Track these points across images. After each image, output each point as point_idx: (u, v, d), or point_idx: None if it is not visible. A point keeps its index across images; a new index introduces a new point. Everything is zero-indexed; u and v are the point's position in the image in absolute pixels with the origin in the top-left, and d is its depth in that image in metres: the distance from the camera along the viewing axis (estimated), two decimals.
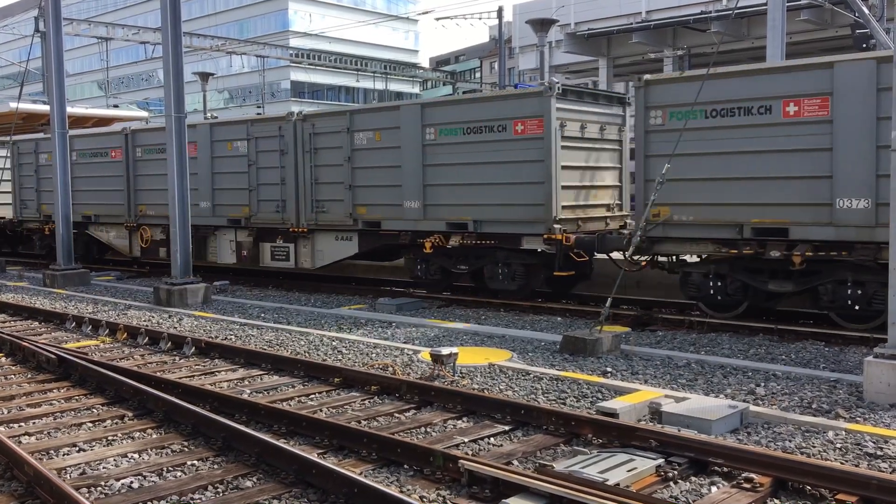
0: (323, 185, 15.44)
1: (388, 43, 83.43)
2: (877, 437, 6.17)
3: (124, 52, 70.55)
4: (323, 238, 15.68)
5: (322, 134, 15.45)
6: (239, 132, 16.82)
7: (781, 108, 10.37)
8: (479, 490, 5.21)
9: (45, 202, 21.30)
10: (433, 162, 13.75)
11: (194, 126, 17.09)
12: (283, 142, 15.90)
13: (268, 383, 8.44)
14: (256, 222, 16.53)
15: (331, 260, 15.66)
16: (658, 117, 11.30)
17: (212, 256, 17.63)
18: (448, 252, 13.97)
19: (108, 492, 5.39)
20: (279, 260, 16.36)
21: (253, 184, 16.47)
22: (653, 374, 8.37)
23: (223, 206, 17.13)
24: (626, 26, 29.73)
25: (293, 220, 15.79)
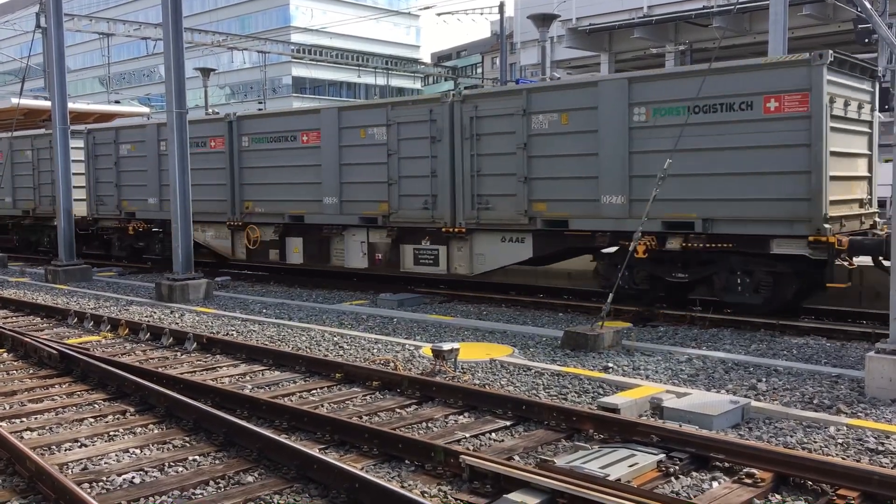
0: (487, 178, 13.05)
1: (389, 38, 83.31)
2: (878, 433, 6.17)
3: (125, 47, 70.52)
4: (485, 239, 13.27)
5: (488, 117, 12.99)
6: (375, 117, 14.46)
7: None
8: (480, 485, 5.21)
9: (126, 198, 19.25)
10: (644, 148, 11.36)
11: (317, 111, 15.50)
12: (434, 127, 13.57)
13: (269, 379, 8.45)
14: (397, 221, 14.19)
15: (495, 265, 13.32)
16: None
17: (337, 259, 15.41)
18: (662, 257, 11.51)
19: (110, 487, 5.40)
20: (425, 264, 14.06)
21: (393, 176, 14.11)
22: (654, 370, 8.36)
23: (353, 202, 14.79)
24: (628, 21, 29.66)
25: (446, 218, 13.48)
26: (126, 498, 5.15)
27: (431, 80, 71.64)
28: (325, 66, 65.89)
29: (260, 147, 16.47)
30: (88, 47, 73.78)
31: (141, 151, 18.82)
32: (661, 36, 29.75)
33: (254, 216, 16.61)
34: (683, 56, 29.54)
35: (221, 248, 17.60)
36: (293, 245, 16.10)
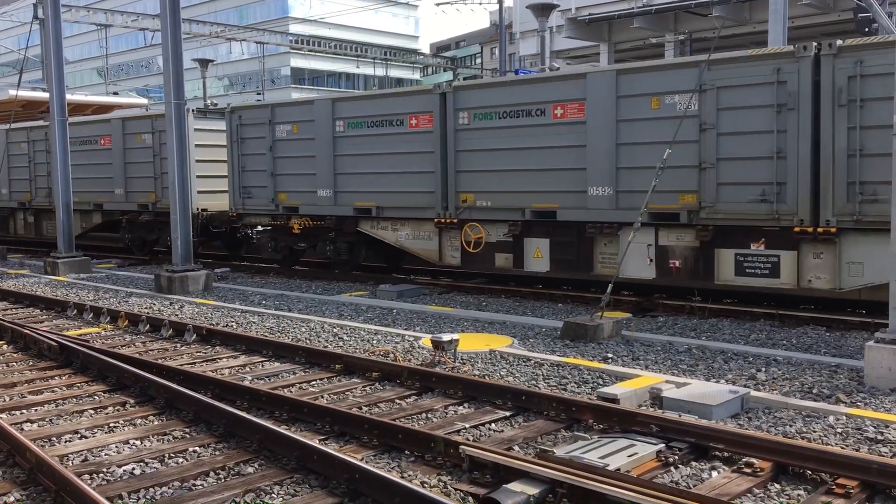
0: (873, 159, 9.62)
1: (388, 29, 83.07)
2: (877, 422, 6.18)
3: (123, 38, 70.28)
4: (866, 243, 9.88)
5: (877, 76, 9.56)
6: (678, 81, 11.04)
7: None
8: (479, 475, 5.22)
9: (284, 189, 15.99)
10: None
11: (583, 76, 12.07)
12: (782, 92, 10.27)
13: (269, 370, 8.45)
14: (712, 217, 10.86)
15: (878, 279, 9.72)
16: None
17: (603, 267, 12.10)
18: None
19: (110, 478, 5.41)
20: (755, 274, 10.72)
21: (708, 159, 10.82)
22: (654, 360, 8.37)
23: (634, 193, 11.23)
24: (628, 11, 29.53)
25: (803, 214, 10.20)
26: (126, 489, 5.16)
27: (430, 71, 71.47)
28: (324, 57, 65.73)
29: (488, 125, 12.96)
30: (86, 38, 73.52)
31: (306, 133, 15.48)
32: (660, 25, 29.64)
33: (474, 211, 13.24)
34: (683, 45, 29.45)
35: (422, 250, 14.23)
36: (534, 248, 12.75)
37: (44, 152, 20.92)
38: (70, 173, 18.03)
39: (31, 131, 21.85)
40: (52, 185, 18.92)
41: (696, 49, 28.59)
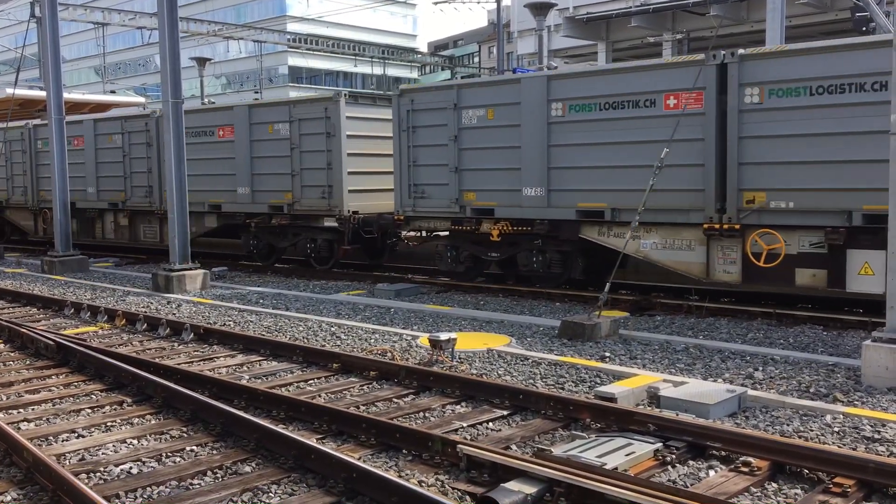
0: None
1: (386, 27, 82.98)
2: (874, 421, 6.19)
3: (121, 37, 70.20)
4: None
5: None
6: None
7: None
8: (477, 474, 5.22)
9: (473, 188, 13.33)
10: None
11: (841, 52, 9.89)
12: None
13: (266, 369, 8.44)
14: None
15: None
16: None
17: None
18: None
19: (108, 477, 5.40)
20: None
21: None
22: (651, 359, 8.38)
23: None
24: (625, 10, 29.53)
25: None
26: (124, 488, 5.15)
27: (428, 70, 71.43)
28: (322, 56, 65.63)
29: (797, 103, 10.22)
30: (83, 37, 73.45)
31: (507, 118, 12.86)
32: (658, 25, 29.65)
33: (766, 215, 10.54)
34: (681, 45, 29.47)
35: (678, 263, 11.40)
36: (862, 261, 9.90)
37: (143, 145, 19.27)
38: (67, 172, 18.00)
39: (125, 122, 19.85)
40: (159, 183, 18.66)
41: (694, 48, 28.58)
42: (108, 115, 21.90)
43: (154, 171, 18.90)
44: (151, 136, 18.90)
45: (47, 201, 19.64)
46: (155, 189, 18.86)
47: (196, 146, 17.32)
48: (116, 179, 20.06)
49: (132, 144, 19.48)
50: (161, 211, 18.15)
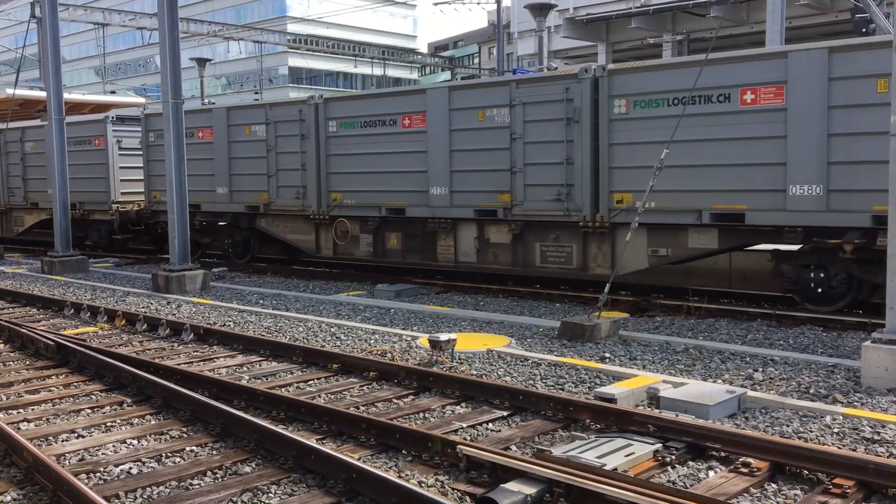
0: None
1: (386, 28, 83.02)
2: (874, 422, 6.19)
3: (121, 37, 70.20)
4: None
5: None
6: None
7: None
8: (477, 475, 5.23)
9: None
10: None
11: None
12: None
13: (266, 369, 8.45)
14: None
15: None
16: None
17: None
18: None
19: (108, 478, 5.40)
20: None
21: None
22: (651, 360, 8.38)
23: None
24: (626, 11, 29.56)
25: None
26: (123, 488, 5.16)
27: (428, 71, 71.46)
28: (322, 57, 65.68)
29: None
30: (84, 37, 73.47)
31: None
32: (658, 26, 29.67)
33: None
34: (681, 46, 29.49)
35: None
36: None
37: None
38: (67, 172, 17.99)
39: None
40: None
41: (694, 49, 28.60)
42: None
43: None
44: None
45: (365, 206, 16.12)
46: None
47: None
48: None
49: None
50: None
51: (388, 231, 14.66)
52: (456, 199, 13.48)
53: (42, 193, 21.44)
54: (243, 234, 17.59)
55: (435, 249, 14.02)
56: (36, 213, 22.28)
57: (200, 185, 17.34)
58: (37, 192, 22.06)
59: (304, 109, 15.55)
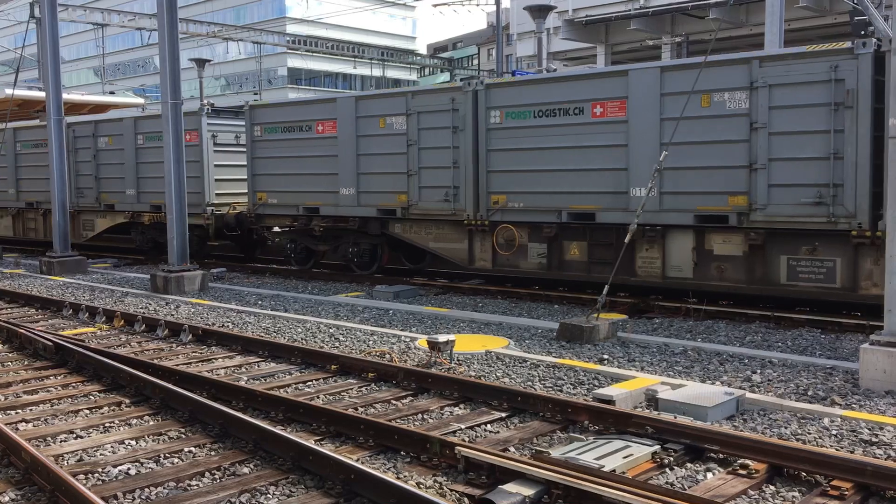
0: None
1: (385, 29, 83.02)
2: (872, 424, 6.20)
3: (120, 38, 70.22)
4: None
5: None
6: None
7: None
8: (475, 476, 5.23)
9: None
10: None
11: None
12: None
13: (265, 370, 8.44)
14: None
15: None
16: None
17: None
18: None
19: (106, 478, 5.40)
20: None
21: None
22: (649, 362, 8.38)
23: None
24: (625, 13, 29.58)
25: None
26: (122, 489, 5.15)
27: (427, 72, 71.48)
28: (321, 58, 65.70)
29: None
30: (83, 38, 73.46)
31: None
32: (657, 28, 29.69)
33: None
34: (680, 47, 29.51)
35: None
36: None
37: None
38: (66, 172, 17.98)
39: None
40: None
41: (693, 51, 28.64)
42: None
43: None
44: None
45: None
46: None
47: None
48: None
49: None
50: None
51: (568, 240, 12.57)
52: (667, 203, 11.34)
53: (119, 195, 19.64)
54: (371, 241, 15.30)
55: (633, 262, 11.75)
56: (111, 216, 20.26)
57: (319, 185, 15.38)
58: (112, 192, 19.92)
59: (457, 98, 13.42)
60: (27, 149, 22.27)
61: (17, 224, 23.12)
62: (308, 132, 15.69)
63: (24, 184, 22.52)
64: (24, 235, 23.01)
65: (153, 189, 18.53)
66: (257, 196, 16.45)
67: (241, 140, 17.86)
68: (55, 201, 17.77)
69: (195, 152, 17.92)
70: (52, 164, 17.78)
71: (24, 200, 22.61)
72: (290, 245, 16.68)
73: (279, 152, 16.12)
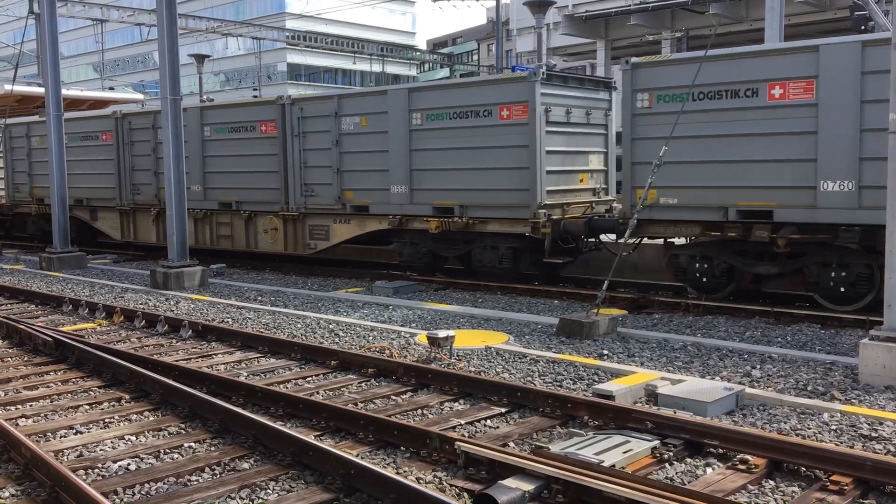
0: None
1: (385, 25, 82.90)
2: (871, 419, 6.20)
3: (119, 34, 70.07)
4: None
5: None
6: None
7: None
8: (475, 471, 5.23)
9: None
10: None
11: None
12: None
13: (265, 366, 8.45)
14: None
15: None
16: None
17: None
18: None
19: (106, 474, 5.40)
20: None
21: None
22: (649, 357, 8.38)
23: None
24: (625, 8, 29.53)
25: None
26: (122, 484, 5.16)
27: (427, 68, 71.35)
28: (320, 53, 65.55)
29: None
30: (82, 34, 73.32)
31: None
32: (657, 23, 29.67)
33: None
34: (680, 43, 29.48)
35: None
36: None
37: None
38: (65, 168, 17.96)
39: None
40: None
41: (692, 46, 28.59)
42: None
43: None
44: None
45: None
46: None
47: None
48: None
49: None
50: None
51: None
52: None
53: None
54: None
55: None
56: None
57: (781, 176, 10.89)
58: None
59: None
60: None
61: None
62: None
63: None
64: None
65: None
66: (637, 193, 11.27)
67: (578, 118, 13.66)
68: (55, 197, 17.75)
69: (523, 134, 12.84)
70: (51, 160, 17.76)
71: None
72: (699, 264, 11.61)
73: (693, 131, 10.97)
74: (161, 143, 15.76)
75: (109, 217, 20.37)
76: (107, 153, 19.97)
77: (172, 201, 14.43)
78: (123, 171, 19.57)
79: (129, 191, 19.43)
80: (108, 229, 20.54)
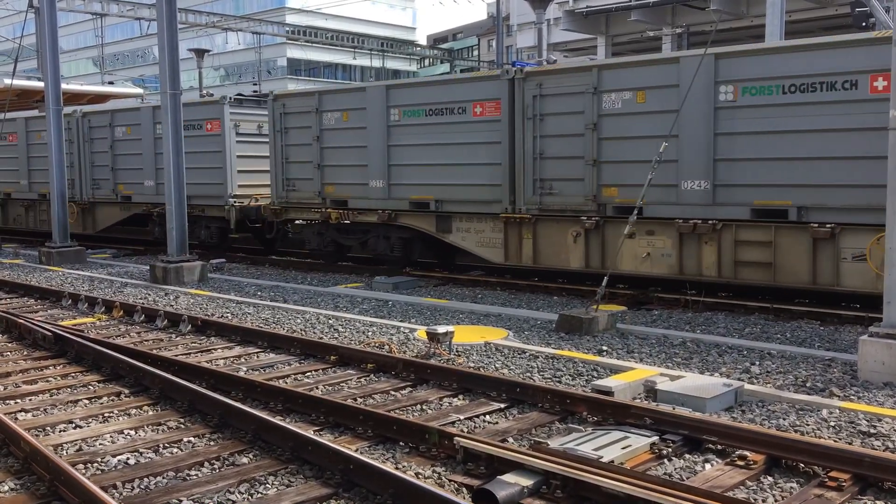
0: None
1: (385, 20, 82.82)
2: (870, 416, 6.21)
3: (119, 28, 70.03)
4: None
5: None
6: None
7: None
8: (474, 467, 5.23)
9: None
10: None
11: None
12: None
13: (264, 361, 8.45)
14: None
15: None
16: None
17: None
18: None
19: (105, 468, 5.41)
20: None
21: None
22: (648, 353, 8.39)
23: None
24: (625, 4, 29.49)
25: None
26: (121, 479, 5.16)
27: (428, 63, 71.32)
28: (320, 48, 65.54)
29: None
30: (82, 28, 73.27)
31: None
32: (658, 19, 29.62)
33: None
34: (680, 39, 29.44)
35: None
36: None
37: None
38: (64, 162, 17.93)
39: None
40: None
41: (693, 43, 28.55)
42: None
43: None
44: None
45: None
46: None
47: None
48: None
49: None
50: None
51: None
52: None
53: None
54: None
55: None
56: None
57: None
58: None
59: None
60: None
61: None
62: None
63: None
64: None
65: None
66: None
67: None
68: (54, 192, 17.73)
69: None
70: (51, 155, 17.73)
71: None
72: None
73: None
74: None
75: None
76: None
77: (171, 196, 14.42)
78: None
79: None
80: None
